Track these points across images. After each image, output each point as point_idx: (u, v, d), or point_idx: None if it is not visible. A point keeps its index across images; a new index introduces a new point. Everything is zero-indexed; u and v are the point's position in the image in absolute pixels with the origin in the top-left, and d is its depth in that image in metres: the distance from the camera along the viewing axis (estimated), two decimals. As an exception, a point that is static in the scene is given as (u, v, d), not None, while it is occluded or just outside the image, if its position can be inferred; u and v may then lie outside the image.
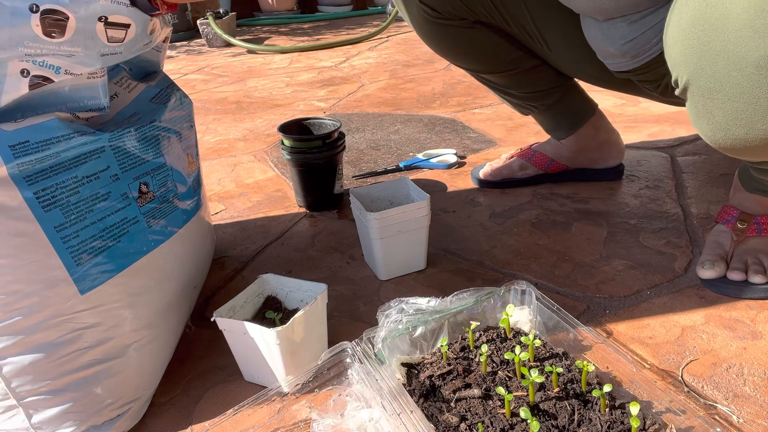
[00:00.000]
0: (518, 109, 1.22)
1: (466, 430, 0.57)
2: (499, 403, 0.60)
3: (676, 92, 0.66)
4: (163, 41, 0.81)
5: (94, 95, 0.61)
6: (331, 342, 0.75)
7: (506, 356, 0.64)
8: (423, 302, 0.70)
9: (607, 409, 0.58)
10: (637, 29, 0.82)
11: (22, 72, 0.54)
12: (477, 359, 0.67)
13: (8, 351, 0.57)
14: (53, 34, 0.54)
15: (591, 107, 1.18)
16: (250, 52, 3.07)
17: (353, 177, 1.35)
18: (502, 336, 0.70)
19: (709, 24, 0.55)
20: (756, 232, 0.86)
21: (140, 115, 0.71)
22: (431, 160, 1.39)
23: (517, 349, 0.65)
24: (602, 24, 0.86)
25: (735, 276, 0.83)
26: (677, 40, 0.60)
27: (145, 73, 0.82)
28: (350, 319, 0.85)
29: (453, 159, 1.38)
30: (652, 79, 0.91)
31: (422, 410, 0.59)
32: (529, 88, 1.13)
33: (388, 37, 3.26)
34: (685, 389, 0.68)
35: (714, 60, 0.56)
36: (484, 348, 0.66)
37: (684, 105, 0.89)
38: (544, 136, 1.27)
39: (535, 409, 0.59)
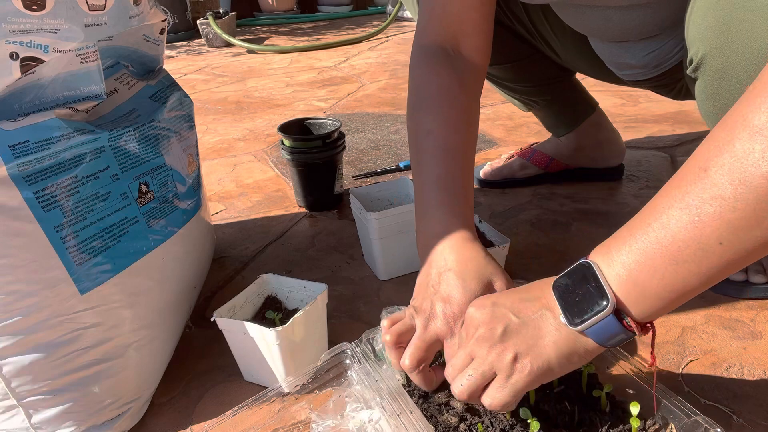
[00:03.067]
0: (519, 105, 1.21)
1: (466, 430, 0.57)
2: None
3: (688, 71, 0.66)
4: (160, 33, 0.81)
5: (89, 81, 0.61)
6: (331, 342, 0.75)
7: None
8: None
9: (607, 409, 0.58)
10: (659, 41, 0.81)
11: (11, 55, 0.54)
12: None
13: (8, 351, 0.57)
14: (34, 7, 0.54)
15: (591, 105, 1.17)
16: (250, 52, 3.07)
17: (353, 177, 1.35)
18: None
19: (732, 4, 0.55)
20: None
21: (139, 112, 0.71)
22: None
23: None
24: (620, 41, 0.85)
25: (736, 276, 0.83)
26: (700, 16, 0.60)
27: (146, 70, 0.82)
28: (350, 319, 0.85)
29: (453, 159, 1.38)
30: (668, 84, 0.90)
31: (422, 410, 0.59)
32: (528, 82, 1.13)
33: (388, 37, 3.26)
34: (685, 389, 0.68)
35: (731, 39, 0.56)
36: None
37: (692, 98, 0.87)
38: (544, 136, 1.27)
39: (535, 409, 0.59)
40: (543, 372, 0.49)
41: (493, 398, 0.51)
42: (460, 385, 0.52)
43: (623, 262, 0.46)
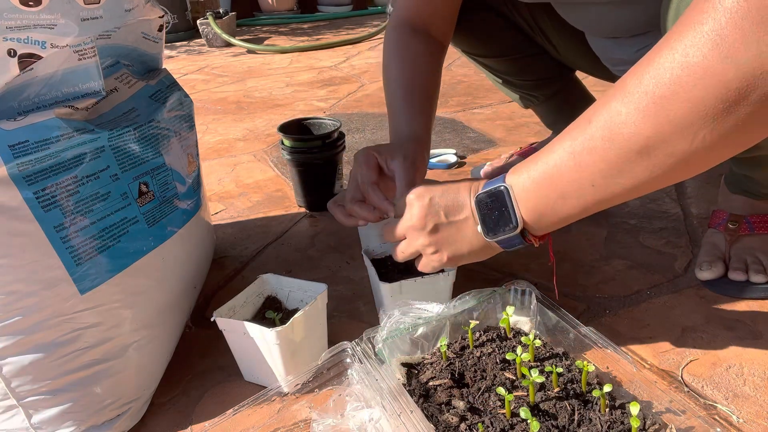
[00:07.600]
0: (518, 100, 1.21)
1: (466, 430, 0.57)
2: (499, 404, 0.60)
3: None
4: (159, 30, 0.81)
5: (88, 78, 0.61)
6: (331, 342, 0.75)
7: (508, 356, 0.64)
8: (428, 307, 0.70)
9: (607, 409, 0.58)
10: (649, 38, 0.81)
11: (9, 52, 0.54)
12: (477, 358, 0.67)
13: (8, 351, 0.57)
14: (30, 3, 0.54)
15: (590, 102, 1.17)
16: (250, 52, 3.07)
17: (353, 177, 1.35)
18: (503, 336, 0.70)
19: None
20: (748, 230, 0.86)
21: (139, 111, 0.71)
22: (431, 160, 1.39)
23: (519, 349, 0.65)
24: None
25: (736, 276, 0.83)
26: (672, 9, 0.61)
27: (147, 69, 0.82)
28: (350, 319, 0.85)
29: (453, 159, 1.38)
30: None
31: (422, 410, 0.59)
32: (529, 76, 1.13)
33: (388, 37, 3.26)
34: (685, 389, 0.68)
35: None
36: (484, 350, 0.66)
37: None
38: (543, 136, 1.27)
39: (535, 409, 0.59)
40: (455, 261, 0.66)
41: (420, 266, 0.69)
42: (400, 252, 0.69)
43: (527, 189, 0.57)
